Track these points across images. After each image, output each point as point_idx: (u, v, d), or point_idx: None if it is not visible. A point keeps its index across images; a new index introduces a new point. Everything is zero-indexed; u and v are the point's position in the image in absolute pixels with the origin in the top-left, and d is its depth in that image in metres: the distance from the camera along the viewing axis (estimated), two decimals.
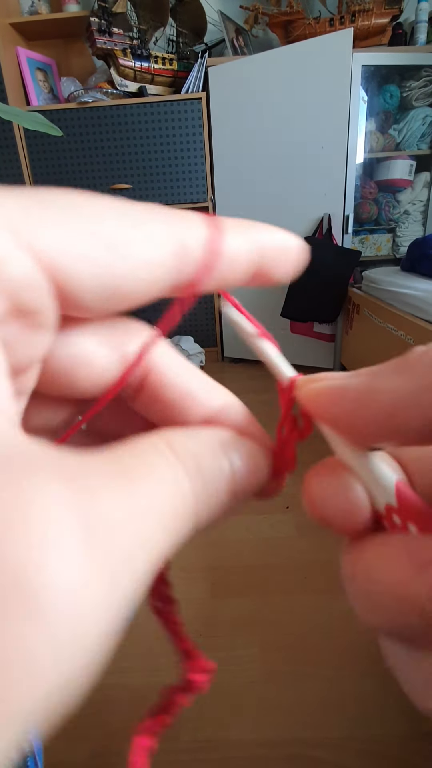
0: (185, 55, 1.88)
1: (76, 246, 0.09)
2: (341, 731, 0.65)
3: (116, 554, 0.08)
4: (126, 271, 0.09)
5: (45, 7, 1.85)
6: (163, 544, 0.09)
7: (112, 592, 0.07)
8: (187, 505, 0.10)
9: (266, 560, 0.96)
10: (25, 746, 0.25)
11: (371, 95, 1.77)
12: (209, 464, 0.11)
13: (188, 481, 0.10)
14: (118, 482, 0.08)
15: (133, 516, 0.08)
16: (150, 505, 0.09)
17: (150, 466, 0.09)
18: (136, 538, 0.08)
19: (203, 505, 0.10)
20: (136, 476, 0.09)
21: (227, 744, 0.64)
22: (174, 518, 0.09)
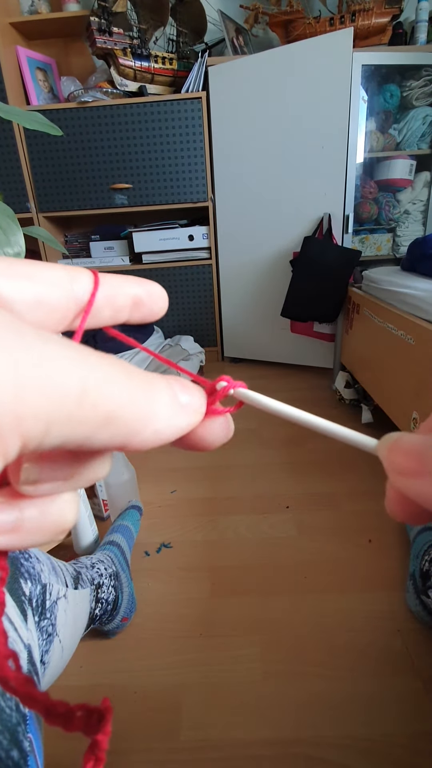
0: (185, 55, 1.88)
1: (5, 275, 0.13)
2: (341, 731, 0.65)
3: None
4: (42, 288, 0.14)
5: (45, 6, 1.85)
6: (82, 396, 0.10)
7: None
8: (128, 388, 0.11)
9: (266, 560, 0.96)
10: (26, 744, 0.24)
11: (371, 95, 1.77)
12: (154, 377, 0.13)
13: (130, 374, 0.12)
14: (76, 356, 0.11)
15: (58, 350, 0.10)
16: (85, 357, 0.11)
17: (95, 352, 0.11)
18: (55, 365, 0.10)
19: (138, 406, 0.12)
20: (92, 360, 0.11)
21: (227, 744, 0.64)
22: (108, 387, 0.11)
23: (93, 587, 0.74)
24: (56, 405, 0.10)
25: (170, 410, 0.13)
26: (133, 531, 1.01)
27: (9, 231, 0.65)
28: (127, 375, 0.12)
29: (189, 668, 0.75)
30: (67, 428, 0.10)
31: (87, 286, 0.15)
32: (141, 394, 0.12)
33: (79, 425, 0.10)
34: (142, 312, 0.17)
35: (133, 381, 0.12)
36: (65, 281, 0.15)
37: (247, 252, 1.94)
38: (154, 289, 0.17)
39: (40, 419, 0.10)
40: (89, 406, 0.10)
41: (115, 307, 0.16)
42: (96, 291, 0.15)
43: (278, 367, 2.04)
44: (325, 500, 1.15)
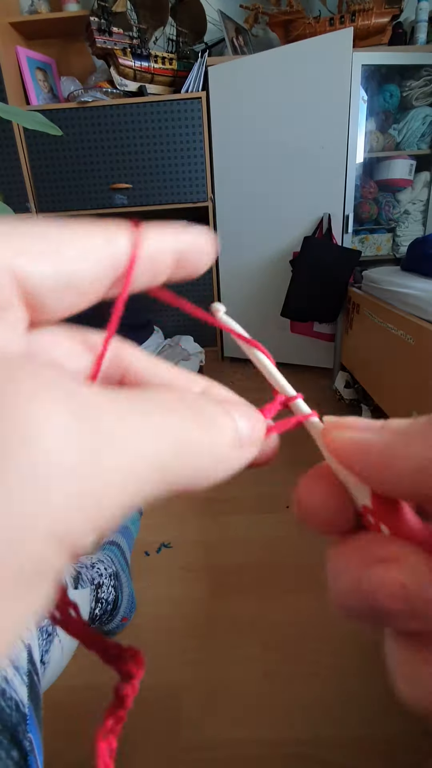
0: (185, 55, 1.88)
1: (29, 252, 0.11)
2: (341, 731, 0.65)
3: (108, 455, 0.09)
4: (71, 265, 0.11)
5: (45, 6, 1.85)
6: (156, 475, 0.09)
7: (93, 472, 0.08)
8: (192, 447, 0.10)
9: (266, 560, 0.96)
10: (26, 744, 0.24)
11: (371, 95, 1.77)
12: (216, 414, 0.11)
13: (193, 418, 0.10)
14: (125, 407, 0.09)
15: (131, 433, 0.09)
16: (155, 427, 0.10)
17: (155, 398, 0.10)
18: (129, 453, 0.09)
19: (207, 455, 0.11)
20: (141, 404, 0.10)
21: (227, 743, 0.64)
22: (174, 455, 0.10)
23: (93, 587, 0.74)
24: (134, 495, 0.09)
25: (232, 450, 0.12)
26: (132, 531, 1.01)
27: None
28: (189, 418, 0.10)
29: (189, 668, 0.75)
30: (129, 507, 0.09)
31: (125, 247, 0.13)
32: (208, 441, 0.11)
33: (152, 492, 0.10)
34: (186, 270, 0.14)
35: (196, 424, 0.11)
36: (101, 249, 0.12)
37: (247, 252, 1.93)
38: (198, 240, 0.14)
39: (118, 515, 0.09)
40: (166, 484, 0.10)
41: (156, 268, 0.13)
42: (135, 258, 0.13)
43: (278, 367, 2.03)
44: None
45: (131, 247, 0.12)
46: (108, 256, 0.12)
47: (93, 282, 0.12)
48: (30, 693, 0.34)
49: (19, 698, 0.32)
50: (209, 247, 0.14)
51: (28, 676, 0.35)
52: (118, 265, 0.12)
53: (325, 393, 1.78)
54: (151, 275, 0.13)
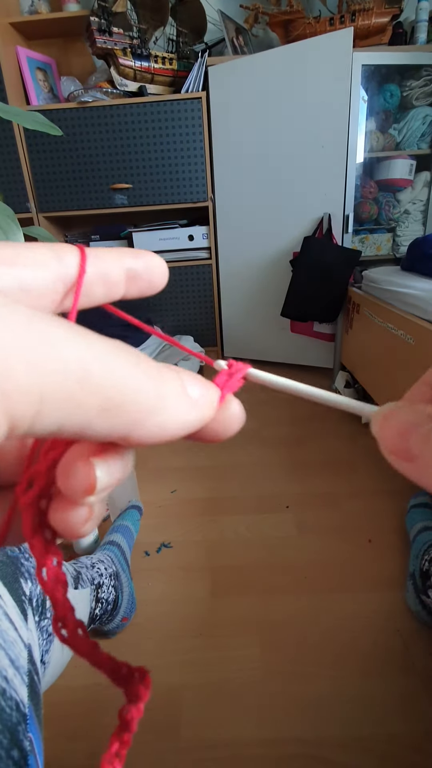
0: (185, 55, 1.87)
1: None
2: (341, 730, 0.65)
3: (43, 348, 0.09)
4: (22, 271, 0.13)
5: (45, 6, 1.85)
6: (85, 378, 0.09)
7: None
8: (127, 376, 0.10)
9: (266, 559, 0.96)
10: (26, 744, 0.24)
11: (371, 94, 1.77)
12: (163, 367, 0.12)
13: (138, 364, 0.11)
14: (77, 335, 0.10)
15: (63, 336, 0.09)
16: (89, 341, 0.10)
17: (99, 335, 0.11)
18: (53, 347, 0.09)
19: (146, 394, 0.11)
20: (95, 341, 0.10)
21: (227, 743, 0.64)
22: (111, 368, 0.10)
23: (93, 587, 0.74)
24: (50, 382, 0.09)
25: (179, 403, 0.12)
26: (133, 531, 1.01)
27: (9, 231, 0.65)
28: (134, 360, 0.11)
29: (189, 668, 0.75)
30: (63, 411, 0.09)
31: (74, 264, 0.14)
32: (147, 381, 0.11)
33: (76, 409, 0.09)
34: (139, 286, 0.16)
35: (140, 367, 0.11)
36: (50, 261, 0.14)
37: (247, 252, 1.93)
38: (151, 261, 0.16)
39: (30, 396, 0.09)
40: (88, 387, 0.10)
41: (109, 282, 0.15)
42: (84, 267, 0.14)
43: (278, 367, 2.04)
44: (326, 500, 1.15)
45: (78, 261, 0.14)
46: (56, 267, 0.14)
47: (45, 288, 0.13)
48: (30, 693, 0.34)
49: (20, 698, 0.32)
50: (160, 265, 0.16)
51: (29, 676, 0.35)
52: (67, 279, 0.14)
53: None
54: (104, 289, 0.15)
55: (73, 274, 0.14)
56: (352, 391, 1.62)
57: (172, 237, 1.95)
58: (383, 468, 1.25)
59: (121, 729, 0.13)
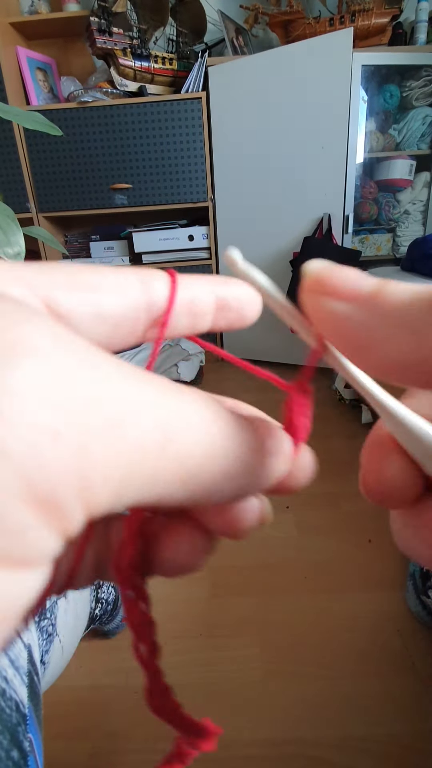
0: (185, 55, 1.88)
1: (63, 285, 0.11)
2: (341, 731, 0.65)
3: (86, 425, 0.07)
4: (101, 296, 0.11)
5: (45, 6, 1.85)
6: (164, 447, 0.08)
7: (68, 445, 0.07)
8: (213, 444, 0.09)
9: (266, 560, 0.96)
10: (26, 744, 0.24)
11: (371, 95, 1.77)
12: (238, 422, 0.11)
13: (216, 421, 0.09)
14: (129, 374, 0.08)
15: (136, 394, 0.08)
16: (165, 397, 0.09)
17: (176, 387, 0.09)
18: (134, 409, 0.08)
19: (250, 465, 0.10)
20: (153, 381, 0.09)
21: (227, 744, 0.64)
22: (190, 444, 0.09)
23: (93, 587, 0.74)
24: (134, 461, 0.08)
25: (259, 461, 0.11)
26: None
27: (9, 231, 0.65)
28: (212, 414, 0.10)
29: (189, 668, 0.75)
30: (145, 488, 0.08)
31: (162, 291, 0.13)
32: (230, 440, 0.10)
33: (157, 484, 0.08)
34: (228, 318, 0.14)
35: (220, 423, 0.10)
36: (135, 287, 0.12)
37: (247, 252, 1.94)
38: (242, 293, 0.14)
39: (111, 481, 0.07)
40: (172, 458, 0.08)
41: (195, 313, 0.13)
42: (174, 297, 0.13)
43: (278, 367, 2.04)
44: (325, 500, 1.15)
45: (168, 290, 0.13)
46: (140, 294, 0.12)
47: (124, 317, 0.12)
48: (30, 693, 0.34)
49: (19, 698, 0.32)
50: (253, 298, 0.14)
51: (28, 676, 0.35)
52: (152, 307, 0.12)
53: (325, 393, 1.78)
54: (190, 320, 0.13)
55: (159, 303, 0.13)
56: (352, 391, 1.62)
57: (172, 237, 1.95)
58: None
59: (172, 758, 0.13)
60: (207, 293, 0.14)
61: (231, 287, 0.14)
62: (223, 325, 0.14)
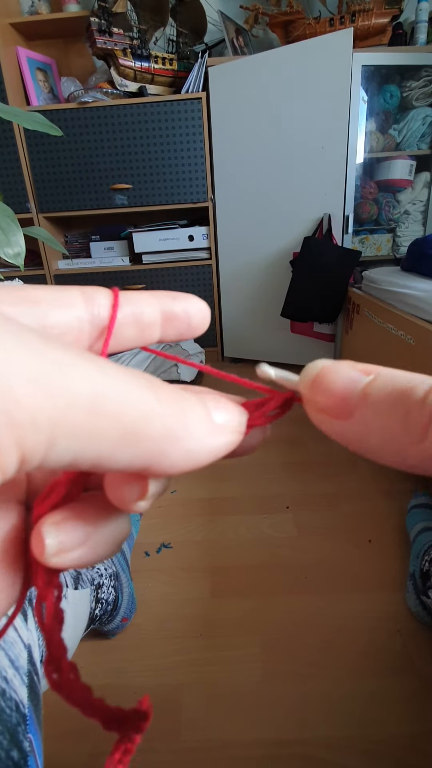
0: (185, 55, 1.88)
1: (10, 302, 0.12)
2: (342, 731, 0.65)
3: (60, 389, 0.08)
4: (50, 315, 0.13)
5: (45, 7, 1.85)
6: (94, 406, 0.09)
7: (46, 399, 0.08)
8: (146, 409, 0.10)
9: (266, 560, 0.96)
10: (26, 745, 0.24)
11: (371, 95, 1.77)
12: (188, 397, 0.11)
13: (156, 398, 0.10)
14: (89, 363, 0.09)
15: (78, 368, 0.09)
16: (101, 370, 0.09)
17: (115, 364, 0.10)
18: (68, 379, 0.09)
19: (165, 427, 0.10)
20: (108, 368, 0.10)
21: (227, 744, 0.64)
22: (126, 398, 0.10)
23: (93, 587, 0.74)
24: (62, 409, 0.08)
25: (204, 428, 0.11)
26: (133, 532, 1.01)
27: (9, 231, 0.65)
28: (148, 386, 0.10)
29: (189, 669, 0.75)
30: (79, 441, 0.09)
31: (106, 305, 0.14)
32: (166, 408, 0.10)
33: (94, 439, 0.09)
34: (177, 328, 0.15)
35: (157, 394, 0.10)
36: (78, 302, 0.13)
37: (247, 252, 1.94)
38: (189, 305, 0.15)
39: (41, 425, 0.08)
40: (105, 414, 0.09)
41: (142, 324, 0.14)
42: (116, 309, 0.14)
43: (278, 368, 2.04)
44: (325, 500, 1.15)
45: (111, 302, 0.14)
46: (82, 307, 0.13)
47: (68, 327, 0.13)
48: (30, 693, 0.34)
49: (19, 699, 0.32)
50: (201, 308, 0.15)
51: (28, 676, 0.35)
52: (96, 320, 0.13)
53: None
54: (137, 331, 0.14)
55: (104, 316, 0.14)
56: None
57: (172, 237, 1.95)
58: (383, 469, 1.25)
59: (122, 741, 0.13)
60: (151, 306, 0.14)
61: (177, 300, 0.15)
62: (173, 335, 0.15)
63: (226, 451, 0.12)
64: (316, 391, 0.13)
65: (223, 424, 0.12)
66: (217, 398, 0.13)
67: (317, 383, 0.13)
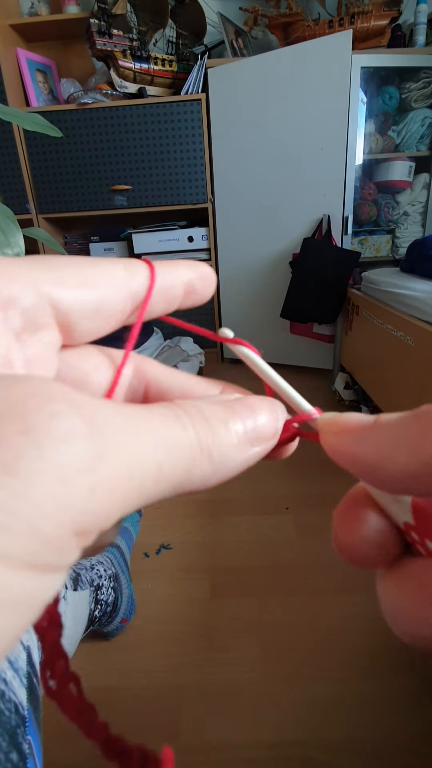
0: (185, 57, 1.88)
1: (65, 283, 0.12)
2: (341, 732, 0.65)
3: (114, 456, 0.09)
4: (100, 293, 0.13)
5: (45, 8, 1.85)
6: (153, 474, 0.10)
7: (108, 473, 0.09)
8: (192, 448, 0.11)
9: (266, 561, 0.96)
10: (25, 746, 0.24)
11: (370, 97, 1.78)
12: (215, 414, 0.12)
13: (192, 426, 0.11)
14: (126, 413, 0.10)
15: (131, 436, 0.10)
16: (152, 433, 0.10)
17: (156, 411, 0.11)
18: (129, 453, 0.10)
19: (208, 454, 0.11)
20: (142, 415, 0.11)
21: (227, 745, 0.64)
22: (175, 455, 0.11)
23: (92, 589, 0.74)
24: (136, 492, 0.10)
25: (237, 452, 0.12)
26: (132, 532, 1.01)
27: (8, 232, 0.65)
28: (192, 427, 0.11)
29: (189, 670, 0.75)
30: (140, 504, 0.10)
31: (144, 280, 0.14)
32: (207, 449, 0.11)
33: (151, 499, 0.10)
34: (193, 299, 0.16)
35: (200, 431, 0.11)
36: (123, 280, 0.14)
37: (247, 253, 1.94)
38: (205, 272, 0.16)
39: (117, 514, 0.10)
40: (163, 481, 0.10)
41: (169, 298, 0.15)
42: (152, 286, 0.14)
43: (278, 369, 2.01)
44: (325, 501, 1.14)
45: (148, 278, 0.14)
46: (128, 286, 0.14)
47: (118, 309, 0.14)
48: (29, 695, 0.34)
49: (18, 700, 0.32)
50: (212, 276, 0.16)
51: (28, 678, 0.35)
52: (136, 295, 0.14)
53: (325, 394, 1.78)
54: (165, 304, 0.15)
55: (141, 291, 0.14)
56: (351, 392, 1.62)
57: (172, 238, 1.95)
58: None
59: None
60: (178, 279, 0.15)
61: (196, 269, 0.16)
62: (189, 304, 0.16)
63: (257, 459, 0.13)
64: (333, 424, 0.13)
65: (256, 436, 0.13)
66: (251, 404, 0.13)
67: (335, 421, 0.14)
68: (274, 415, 0.14)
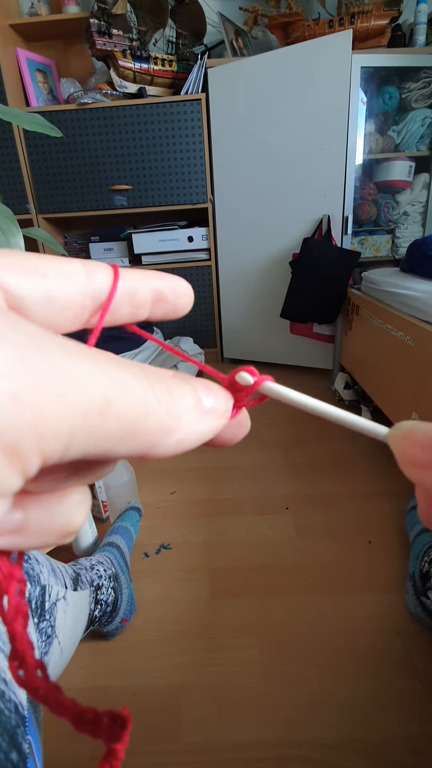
0: (185, 57, 1.88)
1: (16, 271, 0.12)
2: (341, 732, 0.65)
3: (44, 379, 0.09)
4: (51, 283, 0.13)
5: (45, 8, 1.85)
6: (106, 408, 0.10)
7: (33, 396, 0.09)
8: (147, 396, 0.11)
9: (266, 561, 0.96)
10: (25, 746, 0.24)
11: (370, 97, 1.78)
12: (174, 380, 0.12)
13: (146, 378, 0.11)
14: (70, 347, 0.10)
15: (75, 365, 0.10)
16: (101, 368, 0.10)
17: (113, 358, 0.11)
18: (73, 377, 0.09)
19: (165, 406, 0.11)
20: (93, 355, 0.10)
21: (227, 745, 0.64)
22: (128, 395, 0.10)
23: (92, 589, 0.74)
24: (79, 419, 0.09)
25: (194, 417, 0.12)
26: (132, 532, 1.01)
27: (8, 232, 0.65)
28: (148, 381, 0.11)
29: (188, 670, 0.75)
30: (89, 442, 0.10)
31: (105, 281, 0.14)
32: (164, 402, 0.11)
33: (101, 439, 0.10)
34: (164, 308, 0.16)
35: (156, 387, 0.11)
36: (81, 276, 0.14)
37: (247, 253, 1.94)
38: (178, 284, 0.16)
39: (61, 435, 0.09)
40: (112, 418, 0.10)
41: (135, 303, 0.15)
42: (116, 286, 0.14)
43: (278, 368, 2.04)
44: (325, 501, 1.15)
45: (111, 280, 0.14)
46: (84, 281, 0.14)
47: (73, 303, 0.13)
48: (29, 696, 0.34)
49: (18, 700, 0.32)
50: (187, 291, 0.16)
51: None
52: (97, 293, 0.14)
53: (325, 394, 1.78)
54: (131, 307, 0.15)
55: (103, 292, 0.14)
56: (351, 392, 1.62)
57: (172, 238, 1.95)
58: (383, 469, 1.25)
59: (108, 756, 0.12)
60: (144, 285, 0.15)
61: (166, 280, 0.16)
62: (160, 314, 0.16)
63: (213, 434, 0.13)
64: (407, 443, 0.13)
65: (212, 408, 0.13)
66: (206, 383, 0.14)
67: (407, 437, 0.14)
68: (226, 394, 0.14)
